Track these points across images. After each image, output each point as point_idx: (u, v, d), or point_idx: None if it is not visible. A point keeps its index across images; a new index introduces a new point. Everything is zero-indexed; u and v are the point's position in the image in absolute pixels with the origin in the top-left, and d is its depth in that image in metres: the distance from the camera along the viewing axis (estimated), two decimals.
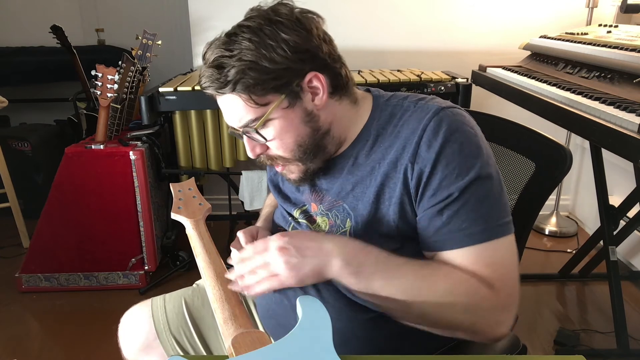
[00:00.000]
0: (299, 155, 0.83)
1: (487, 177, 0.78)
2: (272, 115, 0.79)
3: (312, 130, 0.82)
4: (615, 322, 1.75)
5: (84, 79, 2.63)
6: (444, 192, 0.76)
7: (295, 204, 0.95)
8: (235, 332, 0.66)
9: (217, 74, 0.77)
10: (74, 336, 1.92)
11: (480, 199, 0.76)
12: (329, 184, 0.88)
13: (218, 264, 0.83)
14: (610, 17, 2.57)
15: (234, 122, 0.82)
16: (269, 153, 0.85)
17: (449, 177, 0.76)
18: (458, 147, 0.77)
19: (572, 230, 2.73)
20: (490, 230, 0.76)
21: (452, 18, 2.61)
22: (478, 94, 2.29)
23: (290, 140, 0.81)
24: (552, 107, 1.64)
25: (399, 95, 0.89)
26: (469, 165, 0.76)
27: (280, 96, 0.78)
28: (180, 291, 1.10)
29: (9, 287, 2.20)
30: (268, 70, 0.76)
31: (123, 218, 2.15)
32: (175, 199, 1.02)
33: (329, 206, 0.88)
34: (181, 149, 2.25)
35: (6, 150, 2.54)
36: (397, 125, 0.83)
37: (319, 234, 0.82)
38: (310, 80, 0.79)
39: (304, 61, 0.78)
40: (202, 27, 2.62)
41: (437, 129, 0.78)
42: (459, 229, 0.76)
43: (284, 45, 0.76)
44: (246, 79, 0.76)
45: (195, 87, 2.13)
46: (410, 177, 0.79)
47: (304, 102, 0.80)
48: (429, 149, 0.77)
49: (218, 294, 0.75)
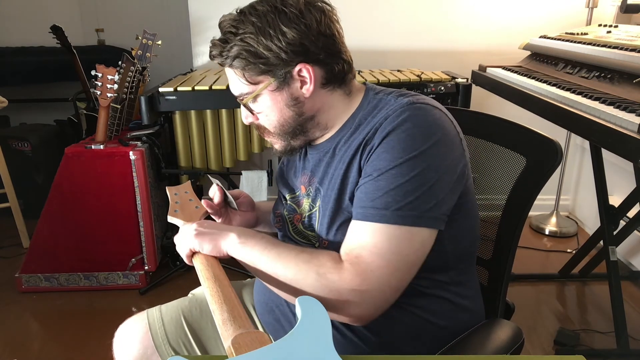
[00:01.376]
0: (280, 132, 0.92)
1: (415, 169, 0.77)
2: (260, 94, 0.88)
3: (294, 114, 0.90)
4: (615, 322, 1.75)
5: (84, 79, 2.63)
6: (369, 169, 0.81)
7: (291, 190, 1.02)
8: (235, 332, 0.66)
9: (221, 48, 0.87)
10: (74, 336, 1.93)
11: (395, 184, 0.78)
12: (316, 167, 0.95)
13: (216, 266, 0.83)
14: (610, 17, 2.57)
15: (234, 91, 0.92)
16: (258, 123, 0.94)
17: (380, 157, 0.80)
18: (404, 136, 0.79)
19: (572, 230, 2.73)
20: (384, 215, 0.77)
21: (452, 18, 2.61)
22: (478, 94, 2.29)
23: (274, 118, 0.90)
24: (552, 107, 1.64)
25: (388, 90, 0.93)
26: (402, 155, 0.78)
27: (270, 79, 0.87)
28: (176, 302, 1.09)
29: (9, 287, 2.21)
30: (262, 56, 0.84)
31: (123, 218, 2.15)
32: (172, 202, 1.02)
33: (313, 188, 0.95)
34: (181, 149, 2.25)
35: (6, 150, 2.54)
36: (375, 115, 0.87)
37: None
38: (300, 70, 0.86)
39: (296, 53, 0.84)
40: (202, 27, 2.62)
41: (395, 118, 0.81)
42: (361, 204, 0.80)
43: (281, 37, 0.83)
44: (242, 59, 0.85)
45: (195, 87, 2.13)
46: (362, 158, 0.84)
47: (292, 88, 0.87)
48: (380, 133, 0.81)
49: (216, 295, 0.75)
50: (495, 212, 1.03)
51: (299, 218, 0.96)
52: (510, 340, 0.87)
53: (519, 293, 2.17)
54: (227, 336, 0.66)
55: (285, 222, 0.99)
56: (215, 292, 0.76)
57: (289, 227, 0.99)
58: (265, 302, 0.98)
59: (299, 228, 0.96)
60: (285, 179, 1.05)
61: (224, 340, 0.67)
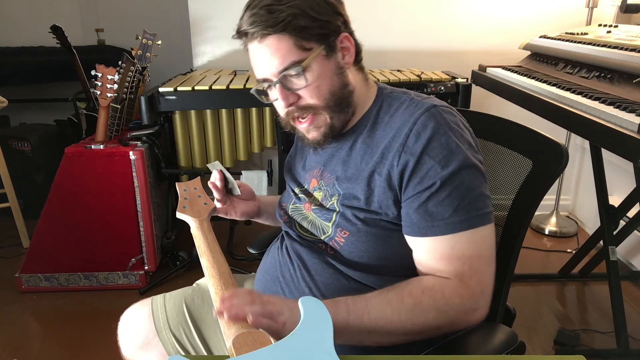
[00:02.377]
0: (331, 102, 0.88)
1: (469, 168, 0.83)
2: (313, 61, 0.85)
3: (342, 83, 0.89)
4: (615, 322, 1.75)
5: (84, 79, 2.63)
6: (429, 181, 0.82)
7: (299, 184, 1.02)
8: (237, 332, 0.66)
9: (267, 15, 0.82)
10: (74, 336, 1.92)
11: (462, 190, 0.82)
12: (329, 162, 0.96)
13: (222, 264, 0.83)
14: (610, 17, 2.57)
15: (272, 67, 0.85)
16: (300, 103, 0.88)
17: (434, 167, 0.82)
18: (445, 140, 0.83)
19: (572, 230, 2.73)
20: (469, 220, 0.82)
21: (452, 18, 2.61)
22: (478, 94, 2.29)
23: (325, 88, 0.87)
24: (552, 107, 1.64)
25: (399, 90, 0.96)
26: (453, 157, 0.82)
27: (320, 46, 0.85)
28: (180, 290, 1.12)
29: (9, 287, 2.20)
30: (315, 19, 0.84)
31: (123, 218, 2.15)
32: (181, 198, 1.03)
33: (326, 181, 0.95)
34: (181, 149, 2.26)
35: (6, 150, 2.54)
36: (393, 115, 0.89)
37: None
38: (342, 40, 0.88)
39: (340, 22, 0.88)
40: (202, 27, 2.62)
41: (427, 122, 0.84)
42: (441, 218, 0.82)
43: (325, 4, 0.86)
44: (297, 21, 0.82)
45: (195, 87, 2.13)
46: (396, 164, 0.84)
47: (337, 57, 0.88)
48: (417, 141, 0.83)
49: (221, 294, 0.75)
50: (501, 212, 1.03)
51: (309, 207, 0.96)
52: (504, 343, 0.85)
53: (519, 293, 2.17)
54: (230, 335, 0.66)
55: (292, 221, 1.00)
56: (219, 290, 0.76)
57: (295, 225, 0.99)
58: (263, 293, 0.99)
59: (310, 217, 0.96)
60: (293, 173, 1.06)
61: (226, 340, 0.67)
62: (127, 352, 1.04)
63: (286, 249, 0.99)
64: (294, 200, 1.02)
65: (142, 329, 1.03)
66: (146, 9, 3.45)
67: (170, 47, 2.72)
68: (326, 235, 0.92)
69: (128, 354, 1.04)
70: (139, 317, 1.05)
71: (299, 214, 0.99)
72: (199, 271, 0.85)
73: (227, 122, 2.24)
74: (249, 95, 0.95)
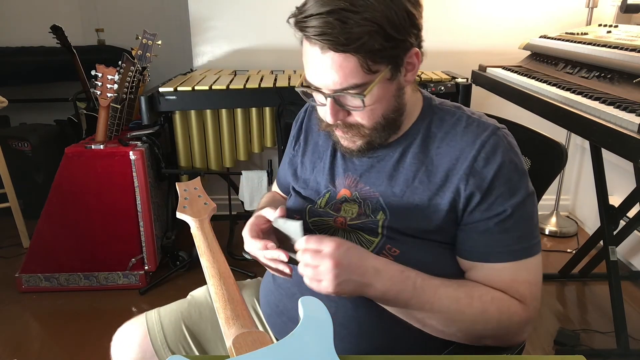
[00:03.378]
0: (380, 125, 0.82)
1: (531, 196, 0.83)
2: (375, 86, 0.76)
3: (397, 105, 0.82)
4: (615, 322, 1.75)
5: (84, 79, 2.62)
6: (499, 208, 0.80)
7: (317, 192, 0.94)
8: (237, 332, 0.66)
9: (339, 27, 0.71)
10: (74, 336, 1.92)
11: (526, 218, 0.82)
12: (368, 173, 0.88)
13: (222, 264, 0.83)
14: (610, 17, 2.57)
15: (330, 82, 0.76)
16: (348, 120, 0.81)
17: (504, 194, 0.80)
18: (514, 167, 0.81)
19: (572, 230, 2.73)
20: (529, 248, 0.82)
21: (452, 18, 2.60)
22: (478, 94, 2.29)
23: (379, 112, 0.80)
24: (552, 107, 1.64)
25: (448, 103, 0.90)
26: (520, 185, 0.81)
27: (387, 66, 0.76)
28: (175, 305, 1.06)
29: (9, 287, 2.20)
30: (391, 38, 0.73)
31: (123, 218, 2.15)
32: (181, 198, 1.02)
33: (363, 195, 0.88)
34: (181, 149, 2.25)
35: (6, 150, 2.54)
36: (449, 133, 0.84)
37: (368, 254, 0.79)
38: (411, 56, 0.79)
39: (415, 36, 0.77)
40: (202, 27, 2.62)
41: (496, 147, 0.81)
42: (505, 244, 0.81)
43: (406, 15, 0.74)
44: (372, 42, 0.72)
45: (195, 87, 2.13)
46: (463, 188, 0.81)
47: (400, 76, 0.79)
48: (487, 165, 0.80)
49: (220, 294, 0.75)
50: None
51: (343, 221, 0.88)
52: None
53: None
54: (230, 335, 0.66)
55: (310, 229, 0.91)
56: (219, 290, 0.76)
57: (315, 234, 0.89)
58: (275, 304, 0.96)
59: (340, 232, 0.88)
60: (306, 180, 0.96)
61: (226, 339, 0.67)
62: None
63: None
64: (311, 211, 0.92)
65: (139, 349, 0.98)
66: (146, 9, 3.45)
67: (170, 47, 2.72)
68: (370, 249, 0.84)
69: None
70: (134, 336, 0.99)
71: (326, 227, 0.90)
72: (199, 271, 0.85)
73: (227, 122, 2.24)
74: (249, 95, 0.94)
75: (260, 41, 2.63)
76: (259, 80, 2.20)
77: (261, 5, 2.56)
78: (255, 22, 2.59)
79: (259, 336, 0.66)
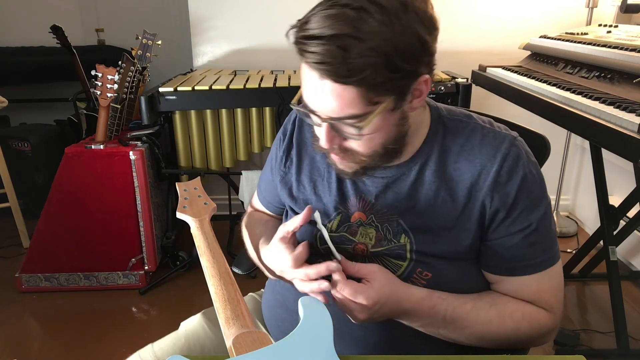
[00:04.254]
0: (379, 155, 0.76)
1: (550, 207, 0.83)
2: (375, 117, 0.70)
3: (399, 134, 0.76)
4: (615, 322, 1.75)
5: (84, 79, 2.62)
6: (524, 222, 0.80)
7: (324, 213, 0.87)
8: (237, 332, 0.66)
9: (340, 57, 0.64)
10: (74, 336, 1.92)
11: (548, 228, 0.82)
12: (383, 194, 0.83)
13: (222, 264, 0.83)
14: (610, 17, 2.57)
15: (326, 109, 0.70)
16: (343, 145, 0.75)
17: (529, 207, 0.79)
18: (537, 179, 0.81)
19: (572, 230, 2.73)
20: (552, 257, 0.83)
21: (452, 18, 2.60)
22: (478, 94, 2.29)
23: (378, 141, 0.74)
24: (552, 107, 1.64)
25: (455, 112, 0.85)
26: (542, 196, 0.81)
27: (391, 97, 0.70)
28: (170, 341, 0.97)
29: (9, 287, 2.20)
30: (398, 70, 0.66)
31: (123, 218, 2.15)
32: (181, 198, 1.02)
33: (381, 219, 0.83)
34: (181, 149, 2.25)
35: (6, 150, 2.54)
36: (465, 146, 0.81)
37: (402, 299, 0.77)
38: (420, 83, 0.72)
39: (426, 64, 0.71)
40: (202, 27, 2.62)
41: (517, 159, 0.79)
42: (532, 257, 0.81)
43: (418, 43, 0.67)
44: (376, 75, 0.65)
45: (195, 87, 2.13)
46: (489, 205, 0.79)
47: (405, 104, 0.73)
48: (511, 179, 0.78)
49: (220, 294, 0.75)
50: None
51: (364, 247, 0.84)
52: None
53: None
54: (230, 335, 0.66)
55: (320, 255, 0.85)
56: (219, 290, 0.76)
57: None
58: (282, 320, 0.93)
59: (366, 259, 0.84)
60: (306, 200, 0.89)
61: (226, 340, 0.67)
62: None
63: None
64: (320, 237, 0.85)
65: None
66: (146, 9, 3.45)
67: (170, 47, 2.72)
68: (398, 274, 0.82)
69: None
70: None
71: (344, 253, 0.82)
72: (199, 271, 0.85)
73: (227, 122, 2.24)
74: (249, 95, 0.93)
75: (260, 41, 2.63)
76: (259, 80, 2.20)
77: (261, 5, 2.56)
78: (255, 22, 2.59)
79: (259, 336, 0.66)
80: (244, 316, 0.70)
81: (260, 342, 0.65)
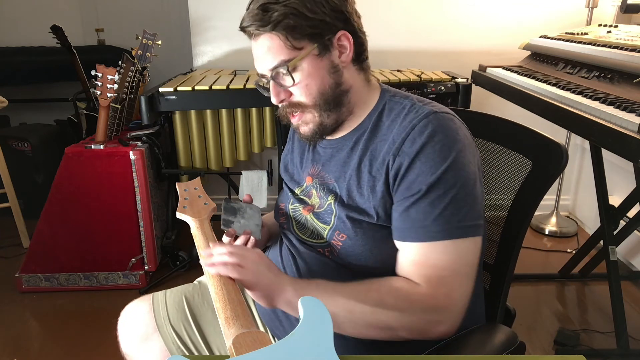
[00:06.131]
0: (320, 101, 0.89)
1: (459, 178, 0.82)
2: (303, 60, 0.86)
3: (334, 83, 0.88)
4: (615, 322, 1.76)
5: (84, 79, 2.63)
6: (416, 187, 0.82)
7: (297, 182, 1.03)
8: (237, 332, 0.66)
9: (262, 14, 0.84)
10: (74, 336, 1.92)
11: (445, 199, 0.81)
12: (328, 162, 0.96)
13: None
14: (610, 17, 2.57)
15: (266, 64, 0.87)
16: (291, 100, 0.90)
17: (424, 173, 0.82)
18: (439, 147, 0.82)
19: (572, 230, 2.73)
20: (448, 230, 0.81)
21: (452, 18, 2.61)
22: (478, 94, 2.29)
23: (314, 87, 0.88)
24: (552, 107, 1.64)
25: (401, 94, 0.94)
26: (443, 165, 0.81)
27: (313, 45, 0.86)
28: (181, 287, 1.12)
29: (9, 287, 2.20)
30: (307, 18, 0.84)
31: (123, 218, 2.15)
32: (181, 199, 1.03)
33: (321, 181, 0.96)
34: (181, 149, 2.26)
35: (6, 150, 2.54)
36: (395, 121, 0.89)
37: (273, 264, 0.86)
38: (340, 38, 0.87)
39: (338, 20, 0.87)
40: (202, 27, 2.62)
41: (423, 129, 0.83)
42: (421, 225, 0.82)
43: (325, 2, 0.85)
44: (287, 20, 0.83)
45: (195, 87, 2.13)
46: (390, 168, 0.85)
47: (332, 55, 0.88)
48: (412, 145, 0.83)
49: (221, 294, 0.75)
50: (501, 212, 1.03)
51: (311, 209, 0.96)
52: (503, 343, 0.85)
53: (519, 293, 2.16)
54: (230, 335, 0.66)
55: (289, 218, 1.01)
56: (219, 290, 0.76)
57: (292, 223, 1.00)
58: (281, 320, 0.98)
59: (308, 221, 0.96)
60: (291, 171, 1.06)
61: (226, 339, 0.67)
62: (126, 347, 1.04)
63: (287, 251, 0.99)
64: (292, 200, 1.02)
65: (143, 323, 1.04)
66: (146, 9, 3.45)
67: (170, 47, 2.72)
68: (324, 238, 0.93)
69: (128, 349, 1.04)
70: (139, 312, 1.06)
71: (299, 214, 0.99)
72: (199, 271, 0.85)
73: (227, 122, 2.24)
74: (249, 95, 0.97)
75: None
76: None
77: None
78: None
79: (259, 336, 0.66)
80: (244, 316, 0.70)
81: (260, 342, 0.65)
